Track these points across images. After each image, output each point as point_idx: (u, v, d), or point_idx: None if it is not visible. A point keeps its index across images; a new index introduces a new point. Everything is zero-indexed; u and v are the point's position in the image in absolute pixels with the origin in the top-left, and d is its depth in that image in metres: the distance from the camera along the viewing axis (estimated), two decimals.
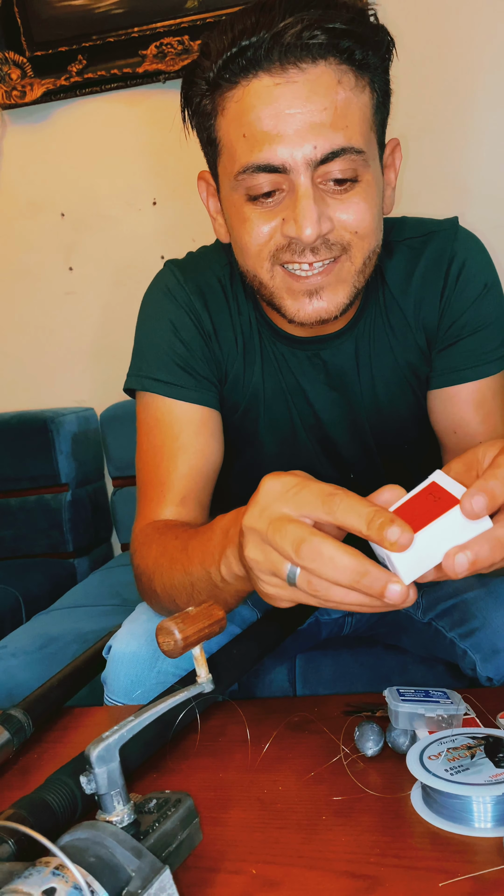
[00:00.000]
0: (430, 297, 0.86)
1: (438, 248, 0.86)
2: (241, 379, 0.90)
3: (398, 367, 0.89)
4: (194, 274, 0.89)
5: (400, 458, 0.96)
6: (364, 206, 0.74)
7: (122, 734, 0.48)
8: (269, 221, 0.74)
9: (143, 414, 0.90)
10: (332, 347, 0.88)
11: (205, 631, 0.52)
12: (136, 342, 0.92)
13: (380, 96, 0.75)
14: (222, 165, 0.77)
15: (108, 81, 1.90)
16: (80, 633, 1.31)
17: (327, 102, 0.70)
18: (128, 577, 1.73)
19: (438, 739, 0.61)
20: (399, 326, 0.88)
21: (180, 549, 0.74)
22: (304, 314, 0.77)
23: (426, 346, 0.88)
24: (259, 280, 0.78)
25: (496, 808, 0.53)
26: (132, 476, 1.89)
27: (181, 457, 0.85)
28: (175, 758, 0.69)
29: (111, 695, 0.82)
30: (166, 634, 0.50)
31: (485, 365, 0.86)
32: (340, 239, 0.74)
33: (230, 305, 0.89)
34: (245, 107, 0.71)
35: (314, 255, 0.74)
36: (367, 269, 0.78)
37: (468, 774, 0.55)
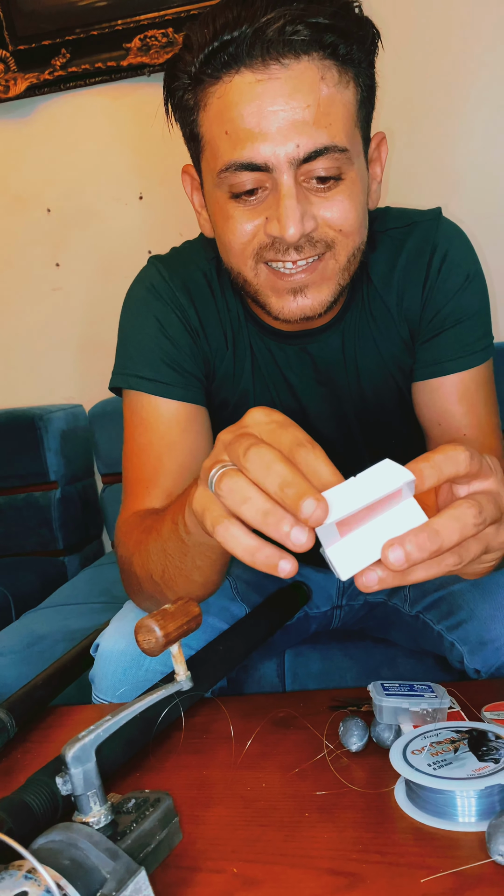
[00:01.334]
0: (412, 288, 0.86)
1: (421, 238, 0.86)
2: (230, 375, 0.89)
3: (382, 361, 0.89)
4: (179, 269, 0.88)
5: (387, 452, 0.95)
6: (348, 203, 0.73)
7: (98, 734, 0.48)
8: (253, 220, 0.74)
9: (130, 412, 0.89)
10: (318, 341, 0.87)
11: (183, 627, 0.51)
12: (119, 340, 0.91)
13: (364, 91, 0.74)
14: (205, 161, 0.77)
15: (93, 75, 1.88)
16: (69, 632, 1.30)
17: (310, 99, 0.69)
18: (117, 575, 1.72)
19: (422, 734, 0.61)
20: (382, 319, 0.87)
21: (158, 518, 0.73)
22: (288, 311, 0.77)
23: (409, 338, 0.88)
24: (243, 277, 0.78)
25: (479, 803, 0.53)
26: (121, 473, 1.91)
27: (168, 455, 0.85)
28: (158, 756, 0.68)
29: (99, 693, 0.82)
30: (146, 632, 0.50)
31: (468, 356, 0.85)
32: (324, 236, 0.74)
33: (217, 301, 0.88)
34: (227, 103, 0.70)
35: (298, 254, 0.73)
36: (351, 266, 0.77)
37: (451, 769, 0.55)
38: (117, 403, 1.90)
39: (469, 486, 0.52)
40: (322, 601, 1.13)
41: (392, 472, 0.47)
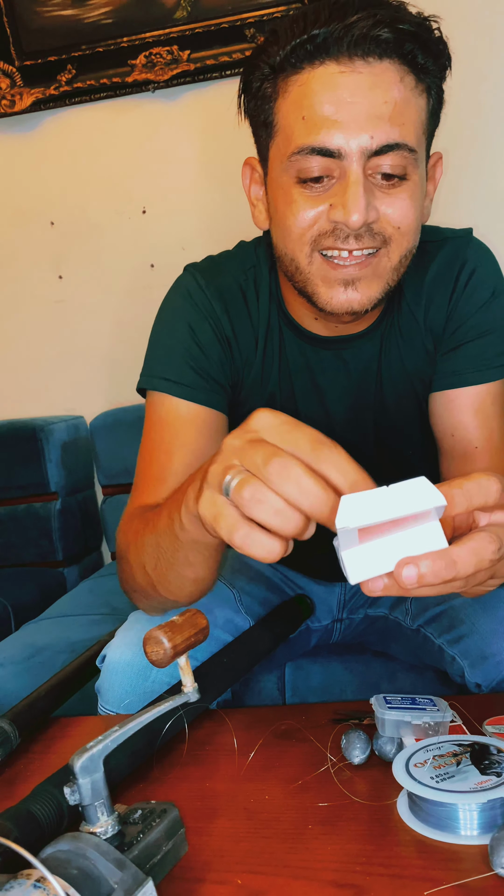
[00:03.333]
0: (439, 300, 0.88)
1: (451, 253, 0.88)
2: (258, 381, 0.90)
3: (406, 372, 0.90)
4: (215, 278, 0.90)
5: (399, 463, 0.97)
6: (409, 203, 0.75)
7: (107, 744, 0.48)
8: (316, 206, 0.75)
9: (150, 412, 0.90)
10: (354, 348, 0.89)
11: (191, 640, 0.52)
12: (150, 344, 0.92)
13: (435, 103, 0.78)
14: (275, 147, 0.78)
15: (97, 91, 1.90)
16: (70, 643, 1.30)
17: (388, 97, 0.72)
18: (117, 586, 1.72)
19: (424, 747, 0.61)
20: (410, 330, 0.89)
21: (155, 512, 0.74)
22: (336, 303, 0.78)
23: (433, 349, 0.89)
24: (296, 264, 0.78)
25: (482, 816, 0.53)
26: (122, 484, 1.92)
27: (178, 453, 0.85)
28: (162, 767, 0.69)
29: (105, 704, 0.82)
30: (155, 644, 0.50)
31: (487, 370, 0.87)
32: (383, 231, 0.76)
33: (250, 309, 0.89)
34: (308, 91, 0.73)
35: (357, 242, 0.75)
36: (401, 268, 0.79)
37: (454, 782, 0.55)
38: (119, 415, 1.92)
39: (490, 516, 0.52)
40: (323, 614, 1.13)
41: (424, 492, 0.47)
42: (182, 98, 1.91)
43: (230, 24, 1.79)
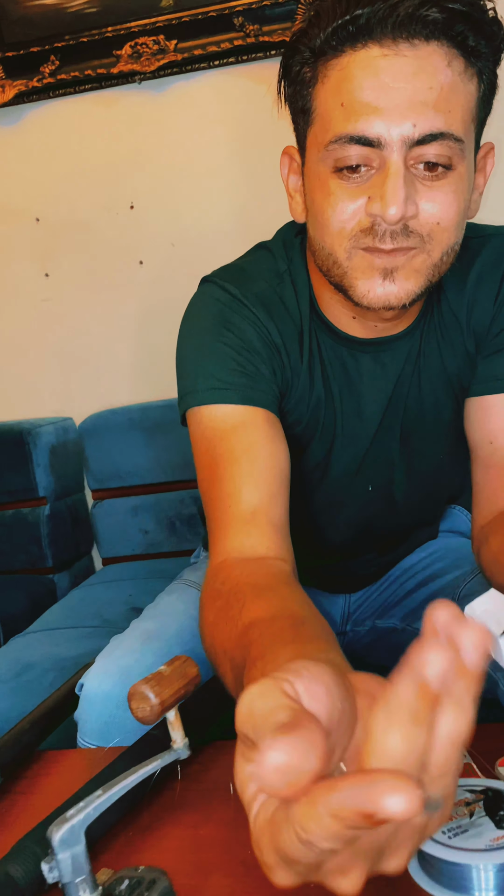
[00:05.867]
0: (483, 300, 0.83)
1: (495, 251, 0.84)
2: (307, 391, 0.85)
3: (447, 375, 0.86)
4: (248, 285, 0.83)
5: (429, 473, 0.94)
6: (452, 197, 0.70)
7: (88, 813, 0.44)
8: (355, 199, 0.71)
9: (197, 431, 0.80)
10: (392, 349, 0.84)
11: (181, 692, 0.48)
12: (184, 361, 0.84)
13: (486, 89, 0.72)
14: (313, 135, 0.73)
15: (82, 83, 1.84)
16: (58, 660, 1.26)
17: (434, 82, 0.67)
18: (108, 595, 1.70)
19: None
20: (452, 331, 0.85)
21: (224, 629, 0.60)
22: (373, 296, 0.73)
23: (475, 351, 0.85)
24: (334, 258, 0.74)
25: (498, 877, 0.49)
26: (112, 488, 1.88)
27: (242, 467, 0.75)
28: (153, 811, 0.65)
29: (84, 737, 0.78)
30: (140, 700, 0.46)
31: None
32: (421, 229, 0.71)
33: (292, 316, 0.84)
34: (348, 75, 0.68)
35: (392, 242, 0.70)
36: (443, 265, 0.74)
37: (467, 838, 0.51)
38: (109, 417, 1.88)
39: None
40: None
41: None
42: (170, 90, 1.85)
43: (218, 12, 1.73)
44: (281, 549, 0.72)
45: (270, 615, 0.55)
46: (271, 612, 0.56)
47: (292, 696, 0.33)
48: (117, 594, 1.59)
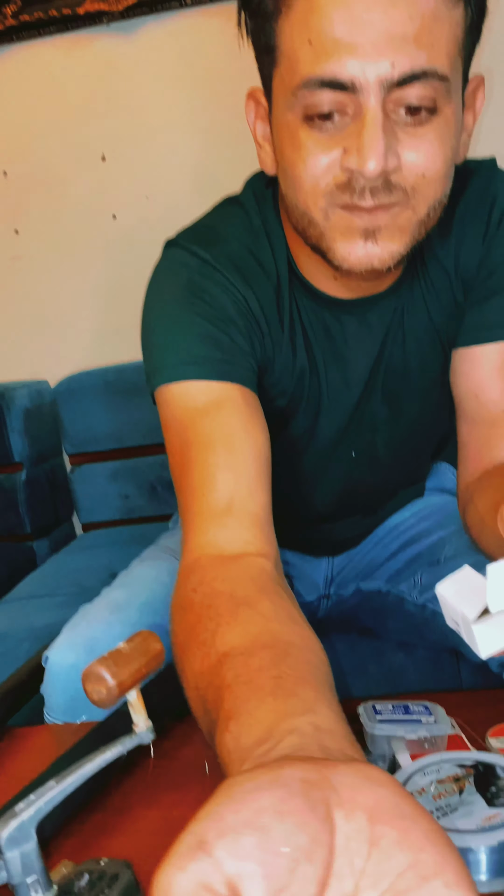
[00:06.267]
0: (470, 243, 0.76)
1: (479, 189, 0.76)
2: (290, 363, 0.78)
3: (434, 328, 0.80)
4: (222, 246, 0.74)
5: (415, 432, 0.89)
6: (438, 145, 0.62)
7: (40, 807, 0.39)
8: (329, 151, 0.62)
9: (167, 412, 0.72)
10: (378, 308, 0.77)
11: (142, 671, 0.43)
12: (150, 335, 0.75)
13: (474, 13, 0.63)
14: (279, 78, 0.64)
15: (47, 24, 1.74)
16: (33, 630, 1.22)
17: (414, 11, 0.57)
18: (87, 563, 1.65)
19: (421, 769, 0.53)
20: (437, 280, 0.78)
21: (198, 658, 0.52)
22: (354, 259, 0.65)
23: (463, 299, 0.79)
24: (309, 218, 0.66)
25: (491, 859, 0.46)
26: (90, 452, 1.82)
27: (216, 452, 0.68)
28: (125, 790, 0.61)
29: (50, 712, 0.74)
30: (95, 681, 0.41)
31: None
32: (404, 182, 0.63)
33: (269, 279, 0.75)
34: (314, 6, 0.58)
35: (373, 199, 0.62)
36: (429, 221, 0.67)
37: (458, 817, 0.48)
38: (85, 379, 1.81)
39: None
40: (307, 591, 1.06)
41: None
42: (140, 31, 1.75)
43: None
44: (261, 542, 0.65)
45: (247, 646, 0.48)
46: (248, 641, 0.48)
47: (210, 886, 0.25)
48: (96, 561, 1.55)
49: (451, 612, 0.43)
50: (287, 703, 0.39)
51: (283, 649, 0.47)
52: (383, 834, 0.26)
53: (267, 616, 0.52)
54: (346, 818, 0.26)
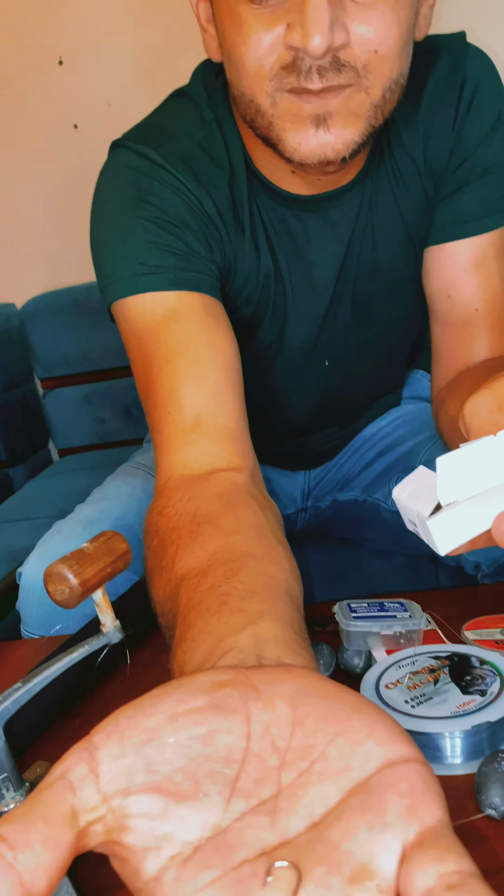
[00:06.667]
0: (440, 127, 0.71)
1: (448, 67, 0.70)
2: (254, 267, 0.73)
3: (403, 223, 0.76)
4: (171, 144, 0.69)
5: (387, 339, 0.86)
6: (391, 17, 0.56)
7: (7, 707, 0.39)
8: (272, 28, 0.56)
9: (126, 328, 0.68)
10: (342, 205, 0.72)
11: (106, 570, 0.42)
12: (99, 245, 0.70)
13: None
14: None
15: None
16: (11, 551, 1.21)
17: None
18: (66, 486, 1.63)
19: (396, 662, 0.53)
20: (405, 171, 0.74)
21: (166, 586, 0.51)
22: (305, 149, 0.60)
23: (434, 192, 0.75)
24: (256, 106, 0.61)
25: (466, 743, 0.46)
26: (62, 376, 1.78)
27: (179, 366, 0.64)
28: (100, 699, 0.61)
29: (27, 628, 0.73)
30: (58, 581, 0.40)
31: (491, 216, 0.73)
32: (355, 60, 0.57)
33: (223, 173, 0.70)
34: None
35: (321, 80, 0.57)
36: (387, 104, 0.61)
37: (432, 705, 0.48)
38: (52, 299, 1.76)
39: None
40: (285, 505, 1.05)
41: None
42: None
43: None
44: (233, 455, 0.62)
45: (202, 566, 0.46)
46: (204, 561, 0.46)
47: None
48: (74, 485, 1.53)
49: (408, 514, 0.41)
50: (230, 621, 0.37)
51: (238, 564, 0.45)
52: (307, 713, 0.25)
53: (227, 531, 0.50)
54: (264, 708, 0.25)
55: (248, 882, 0.22)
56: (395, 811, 0.22)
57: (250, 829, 0.23)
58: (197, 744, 0.24)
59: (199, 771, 0.24)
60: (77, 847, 0.23)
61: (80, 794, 0.23)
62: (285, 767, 0.25)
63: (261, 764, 0.25)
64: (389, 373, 0.99)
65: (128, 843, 0.23)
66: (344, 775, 0.24)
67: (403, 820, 0.22)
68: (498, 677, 0.49)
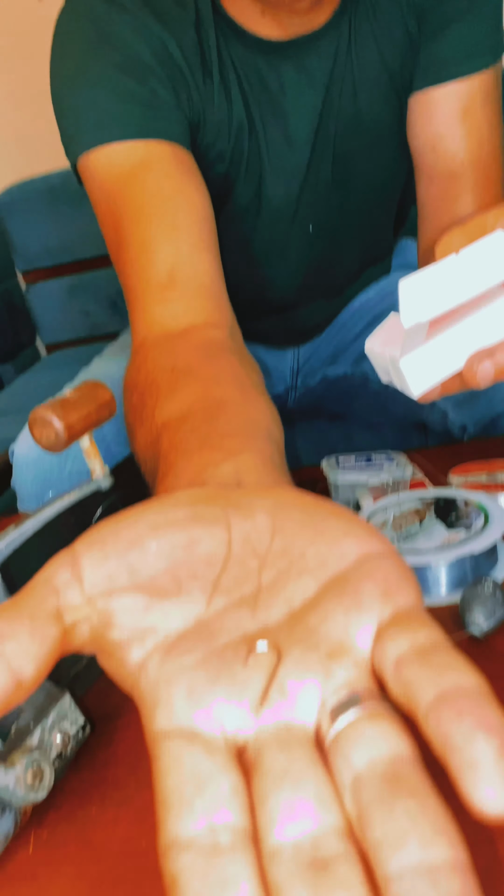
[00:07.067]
0: None
1: None
2: (225, 118, 0.70)
3: (384, 66, 0.71)
4: None
5: (368, 198, 0.83)
6: None
7: (0, 549, 0.39)
8: None
9: (93, 184, 0.64)
10: (316, 49, 0.68)
11: (91, 417, 0.42)
12: (60, 96, 0.66)
13: None
14: None
15: None
16: (3, 441, 1.22)
17: None
18: (54, 380, 1.61)
19: (384, 507, 0.55)
20: (386, 7, 0.69)
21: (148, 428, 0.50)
22: None
23: (416, 30, 0.70)
24: None
25: (450, 573, 0.48)
26: (44, 268, 1.74)
27: (150, 219, 0.61)
28: None
29: (23, 504, 0.75)
30: (42, 425, 0.40)
31: (477, 57, 0.69)
32: None
33: (187, 13, 0.65)
34: None
35: None
36: None
37: (417, 541, 0.49)
38: (27, 188, 1.69)
39: None
40: (274, 384, 1.05)
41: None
42: None
43: None
44: (210, 311, 0.60)
45: (183, 412, 0.45)
46: (185, 408, 0.46)
47: None
48: (63, 378, 1.52)
49: (381, 363, 0.41)
50: (211, 456, 0.37)
51: (219, 409, 0.45)
52: (286, 521, 0.26)
53: (207, 381, 0.49)
54: (244, 518, 0.26)
55: (230, 662, 0.23)
56: (371, 595, 0.23)
57: (231, 619, 0.24)
58: (179, 550, 0.25)
59: (181, 573, 0.25)
60: (63, 645, 0.23)
61: (65, 596, 0.23)
62: (265, 568, 0.25)
63: (241, 566, 0.25)
64: (377, 239, 0.97)
65: (113, 638, 0.23)
66: (322, 570, 0.25)
67: (379, 602, 0.23)
68: (483, 514, 0.50)
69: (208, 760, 0.19)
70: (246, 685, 0.21)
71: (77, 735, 0.36)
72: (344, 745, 0.19)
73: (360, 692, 0.20)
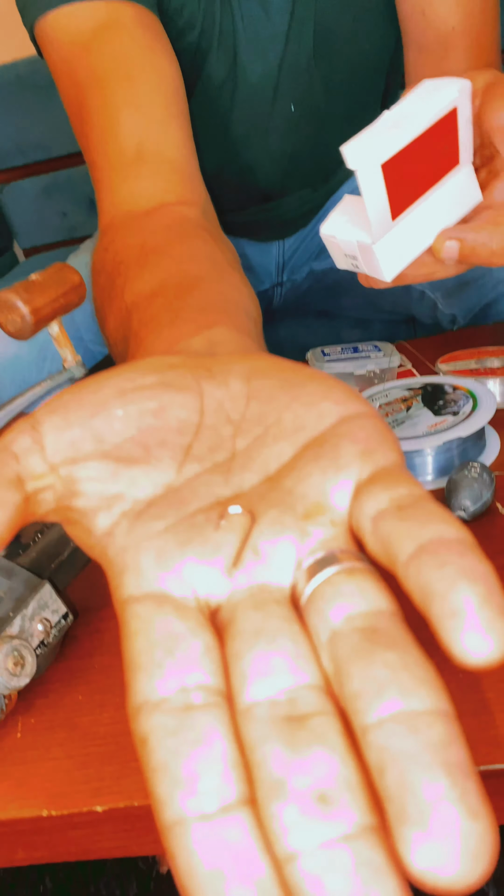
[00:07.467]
0: None
1: None
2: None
3: None
4: None
5: (355, 79, 0.77)
6: None
7: None
8: None
9: (52, 52, 0.59)
10: None
11: (59, 301, 0.40)
12: None
13: None
14: None
15: None
16: None
17: None
18: None
19: (369, 396, 0.53)
20: None
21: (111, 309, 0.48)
22: None
23: None
24: None
25: (437, 459, 0.47)
26: (16, 167, 1.66)
27: (113, 88, 0.56)
28: None
29: None
30: (8, 310, 0.38)
31: None
32: None
33: None
34: None
35: None
36: None
37: (404, 428, 0.48)
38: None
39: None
40: (259, 280, 1.02)
41: (438, 90, 0.37)
42: None
43: None
44: (181, 189, 0.56)
45: (154, 289, 0.42)
46: (155, 284, 0.43)
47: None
48: None
49: (344, 249, 0.39)
50: (183, 328, 0.35)
51: (191, 284, 0.42)
52: (262, 387, 0.24)
53: (179, 259, 0.46)
54: (217, 385, 0.24)
55: (201, 526, 0.21)
56: (349, 454, 0.22)
57: (204, 485, 0.23)
58: (148, 417, 0.23)
59: (149, 440, 0.23)
60: (26, 514, 0.22)
61: (25, 463, 0.22)
62: (240, 435, 0.24)
63: (214, 433, 0.24)
64: (364, 121, 0.91)
65: (78, 506, 0.22)
66: (299, 434, 0.23)
67: (357, 461, 0.22)
68: (471, 399, 0.49)
69: (179, 622, 0.18)
70: (218, 547, 0.20)
71: (59, 623, 0.35)
72: (320, 601, 0.18)
73: (338, 551, 0.19)
